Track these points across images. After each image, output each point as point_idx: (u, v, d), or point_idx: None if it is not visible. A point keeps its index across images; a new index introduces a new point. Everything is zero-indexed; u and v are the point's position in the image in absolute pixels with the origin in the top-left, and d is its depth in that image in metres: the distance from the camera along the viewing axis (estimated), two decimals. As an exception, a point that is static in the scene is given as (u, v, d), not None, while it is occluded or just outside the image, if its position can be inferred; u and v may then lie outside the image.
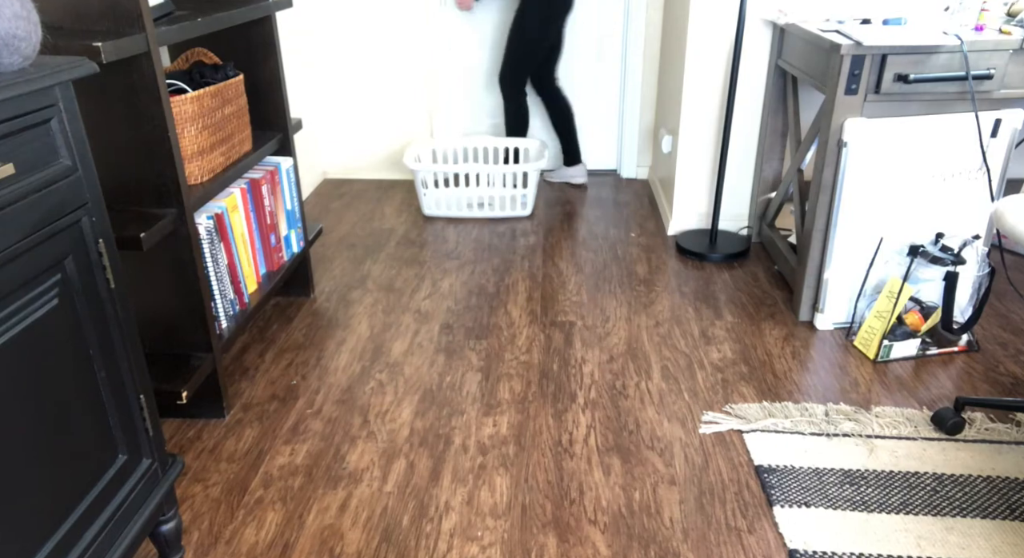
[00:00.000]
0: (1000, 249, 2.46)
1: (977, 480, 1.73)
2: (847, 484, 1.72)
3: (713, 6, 2.79)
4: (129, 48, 1.48)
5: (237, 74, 2.08)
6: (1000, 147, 2.21)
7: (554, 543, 1.58)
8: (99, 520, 1.19)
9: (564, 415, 1.98)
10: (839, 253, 2.30)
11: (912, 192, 2.23)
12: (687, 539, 1.58)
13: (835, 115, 2.18)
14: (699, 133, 3.01)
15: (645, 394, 2.07)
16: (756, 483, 1.74)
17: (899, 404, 2.01)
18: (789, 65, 2.61)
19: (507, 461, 1.81)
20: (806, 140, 2.55)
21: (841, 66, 2.11)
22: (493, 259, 2.92)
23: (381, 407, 2.02)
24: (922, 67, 2.12)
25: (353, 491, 1.72)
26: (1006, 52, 2.13)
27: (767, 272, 2.79)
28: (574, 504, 1.68)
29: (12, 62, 1.05)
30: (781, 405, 2.00)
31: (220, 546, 1.57)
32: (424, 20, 3.60)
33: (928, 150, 2.18)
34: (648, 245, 3.05)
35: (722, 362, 2.22)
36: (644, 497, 1.70)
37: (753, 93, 2.87)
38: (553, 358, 2.24)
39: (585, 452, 1.85)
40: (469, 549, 1.56)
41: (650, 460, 1.82)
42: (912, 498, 1.68)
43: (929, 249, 2.19)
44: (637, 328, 2.41)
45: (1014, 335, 2.33)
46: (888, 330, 2.18)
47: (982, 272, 2.22)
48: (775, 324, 2.42)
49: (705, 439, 1.89)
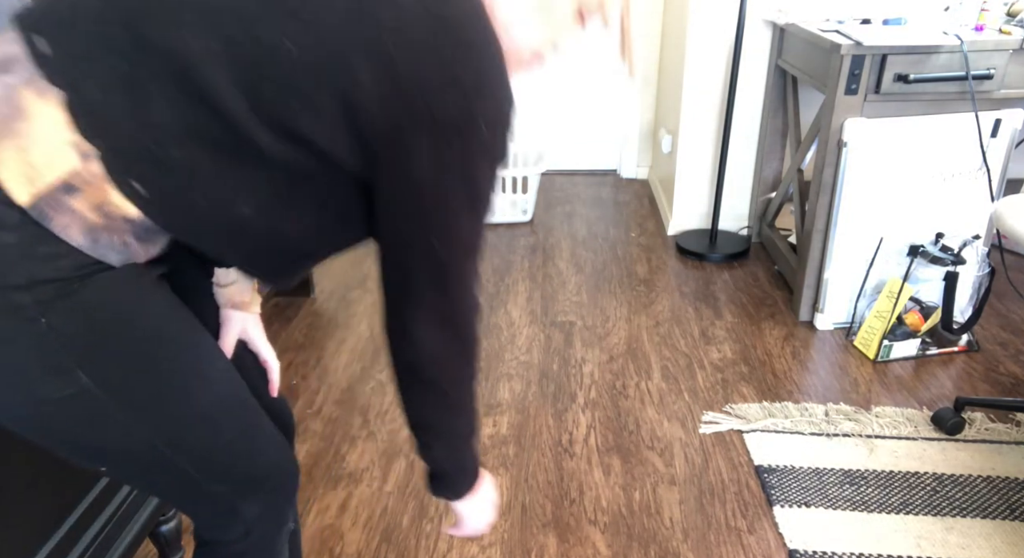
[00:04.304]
0: (1000, 249, 2.46)
1: (977, 480, 1.73)
2: (847, 484, 1.72)
3: (713, 6, 2.79)
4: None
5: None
6: (1000, 147, 2.21)
7: (554, 543, 1.58)
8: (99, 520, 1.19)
9: (564, 415, 1.98)
10: (839, 253, 2.30)
11: (912, 192, 2.23)
12: (687, 539, 1.58)
13: (835, 115, 2.18)
14: (699, 133, 3.01)
15: (645, 394, 2.07)
16: (756, 483, 1.74)
17: (899, 404, 2.01)
18: (789, 65, 2.61)
19: (507, 461, 1.81)
20: (806, 140, 2.55)
21: (841, 66, 2.11)
22: (493, 259, 2.92)
23: (381, 407, 2.02)
24: (922, 67, 2.12)
25: (353, 491, 1.72)
26: (1006, 52, 2.13)
27: (767, 272, 2.79)
28: (574, 504, 1.68)
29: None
30: (781, 405, 2.00)
31: (220, 546, 1.57)
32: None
33: (928, 150, 2.18)
34: (648, 245, 3.05)
35: (722, 362, 2.22)
36: (644, 497, 1.70)
37: (753, 93, 2.87)
38: (553, 358, 2.24)
39: (585, 452, 1.85)
40: (469, 549, 1.56)
41: (650, 460, 1.82)
42: (912, 498, 1.68)
43: (929, 249, 2.19)
44: (637, 328, 2.41)
45: (1014, 335, 2.33)
46: (888, 330, 2.18)
47: (982, 272, 2.22)
48: (775, 324, 2.42)
49: (705, 439, 1.89)
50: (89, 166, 0.70)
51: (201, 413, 0.85)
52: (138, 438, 0.81)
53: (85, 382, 0.75)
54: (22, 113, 0.69)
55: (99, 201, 0.71)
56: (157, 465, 0.85)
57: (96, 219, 0.71)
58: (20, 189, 0.68)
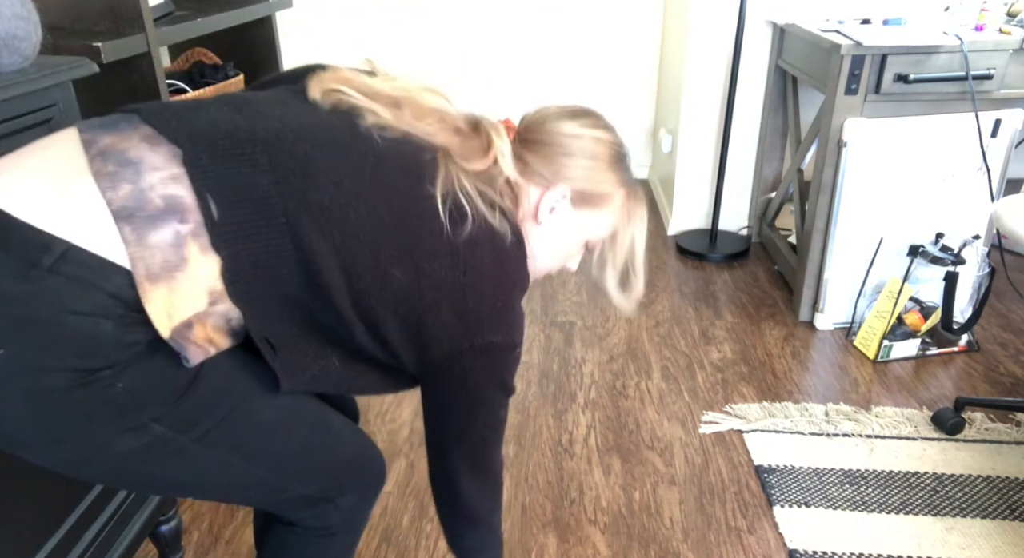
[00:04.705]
0: (1000, 249, 2.46)
1: (977, 480, 1.73)
2: (847, 484, 1.72)
3: (713, 6, 2.79)
4: (129, 48, 1.48)
5: (237, 74, 2.08)
6: (1000, 147, 2.21)
7: (554, 543, 1.58)
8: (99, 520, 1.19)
9: (564, 415, 1.98)
10: (839, 253, 2.30)
11: (912, 192, 2.22)
12: (687, 539, 1.58)
13: (835, 115, 2.18)
14: (699, 133, 3.00)
15: (645, 394, 2.07)
16: (756, 483, 1.74)
17: (899, 404, 2.01)
18: (789, 65, 2.61)
19: (507, 461, 1.81)
20: (806, 140, 2.55)
21: (841, 66, 2.11)
22: (493, 259, 2.92)
23: (381, 407, 2.02)
24: (922, 67, 2.12)
25: (353, 491, 1.72)
26: (1006, 52, 2.13)
27: (767, 272, 2.78)
28: (574, 504, 1.68)
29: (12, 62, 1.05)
30: (781, 405, 2.00)
31: (220, 546, 1.57)
32: (424, 18, 3.60)
33: (928, 150, 2.18)
34: (648, 245, 3.04)
35: (722, 362, 2.22)
36: (644, 497, 1.70)
37: (753, 93, 2.87)
38: (553, 358, 2.24)
39: (585, 452, 1.85)
40: (469, 549, 1.56)
41: (650, 460, 1.82)
42: (912, 498, 1.68)
43: (929, 249, 2.19)
44: (637, 328, 2.41)
45: (1014, 335, 2.33)
46: (888, 330, 2.18)
47: (982, 272, 2.22)
48: (775, 324, 2.42)
49: (705, 439, 1.89)
50: (215, 308, 0.80)
51: (272, 424, 0.91)
52: (213, 463, 0.87)
53: (159, 431, 0.81)
54: (184, 263, 0.76)
55: (206, 337, 0.81)
56: (238, 483, 0.91)
57: (202, 345, 0.82)
58: (162, 324, 0.77)
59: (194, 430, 0.83)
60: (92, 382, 0.75)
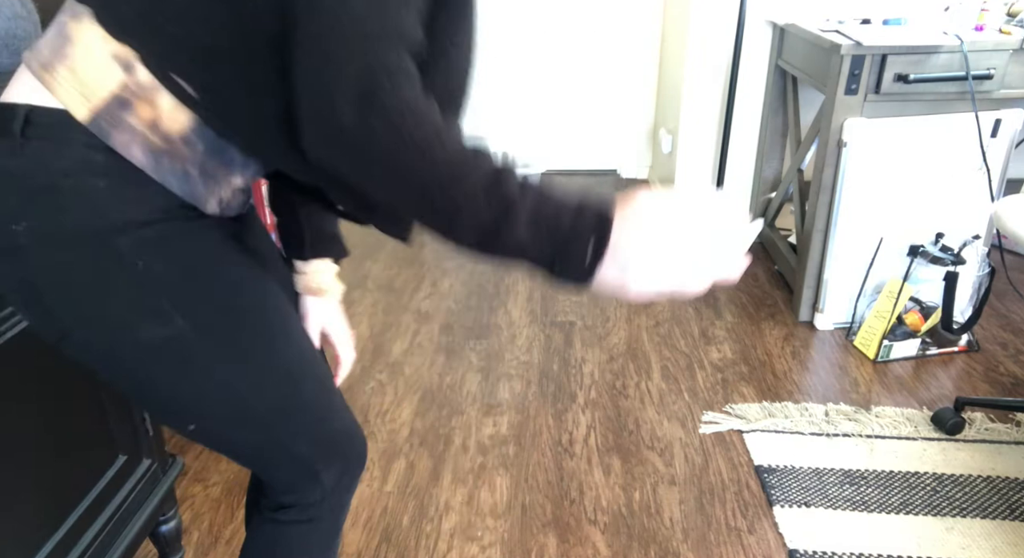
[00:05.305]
0: (1000, 249, 2.46)
1: (977, 480, 1.73)
2: (847, 484, 1.72)
3: (713, 6, 2.79)
4: (129, 48, 1.48)
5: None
6: (1000, 147, 2.21)
7: (554, 543, 1.58)
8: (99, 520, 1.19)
9: (564, 415, 1.98)
10: (839, 253, 2.30)
11: (912, 192, 2.22)
12: (687, 539, 1.58)
13: (835, 115, 2.18)
14: (699, 133, 3.01)
15: (645, 394, 2.07)
16: (756, 483, 1.74)
17: (899, 404, 2.01)
18: (789, 65, 2.61)
19: (507, 461, 1.81)
20: (806, 140, 2.55)
21: (841, 66, 2.11)
22: (493, 259, 2.92)
23: (381, 407, 2.02)
24: (922, 67, 2.12)
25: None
26: (1006, 52, 2.13)
27: (767, 272, 2.79)
28: (574, 504, 1.68)
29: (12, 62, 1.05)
30: (781, 405, 2.00)
31: (220, 546, 1.57)
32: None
33: (928, 150, 2.18)
34: (648, 245, 3.04)
35: (722, 362, 2.22)
36: (644, 497, 1.70)
37: (753, 93, 2.87)
38: (553, 358, 2.24)
39: (585, 452, 1.85)
40: (469, 549, 1.56)
41: (650, 460, 1.82)
42: (912, 498, 1.68)
43: (929, 249, 2.19)
44: (637, 328, 2.41)
45: (1014, 335, 2.33)
46: (888, 330, 2.18)
47: (982, 272, 2.22)
48: (775, 324, 2.42)
49: (705, 439, 1.89)
50: (135, 77, 0.74)
51: (284, 367, 0.90)
52: (224, 385, 0.86)
53: (181, 325, 0.80)
54: (68, 39, 0.75)
55: (152, 117, 0.76)
56: (241, 418, 0.89)
57: (155, 140, 0.76)
58: (78, 107, 0.74)
59: (214, 337, 0.83)
60: (115, 253, 0.76)
